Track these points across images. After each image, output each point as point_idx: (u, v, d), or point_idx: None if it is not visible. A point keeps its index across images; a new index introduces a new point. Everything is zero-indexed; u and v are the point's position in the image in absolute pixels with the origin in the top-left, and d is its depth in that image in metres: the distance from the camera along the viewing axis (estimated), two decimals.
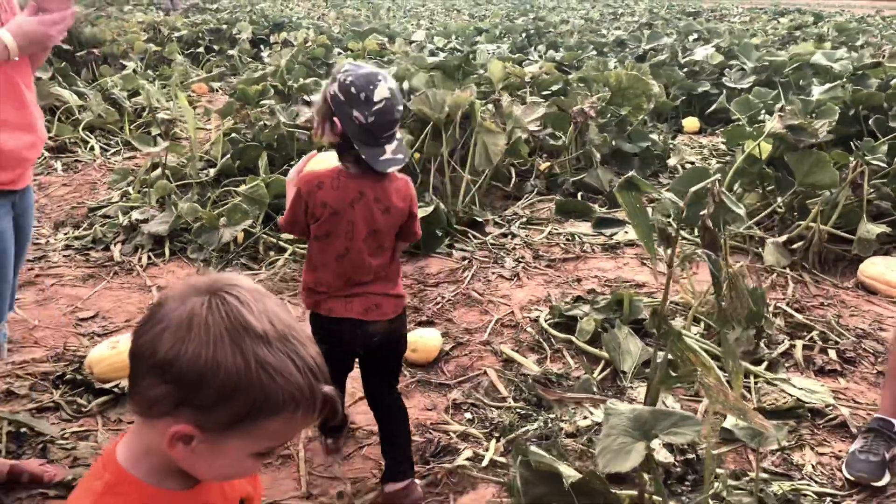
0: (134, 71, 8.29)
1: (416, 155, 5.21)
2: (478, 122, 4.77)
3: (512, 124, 4.98)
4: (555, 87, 6.36)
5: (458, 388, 2.95)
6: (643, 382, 2.98)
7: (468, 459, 2.45)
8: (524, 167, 5.71)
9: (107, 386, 2.74)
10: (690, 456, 2.50)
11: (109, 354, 2.82)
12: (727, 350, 1.91)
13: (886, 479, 2.41)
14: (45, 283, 3.74)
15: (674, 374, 2.06)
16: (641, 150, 5.78)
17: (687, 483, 2.41)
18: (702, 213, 1.99)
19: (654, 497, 2.22)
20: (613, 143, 5.69)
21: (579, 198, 5.18)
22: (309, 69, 7.75)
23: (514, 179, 5.46)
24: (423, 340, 3.15)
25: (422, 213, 4.17)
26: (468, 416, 2.76)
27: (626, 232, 4.57)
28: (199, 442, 0.90)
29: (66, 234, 4.39)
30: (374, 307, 2.12)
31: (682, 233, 4.43)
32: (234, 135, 5.38)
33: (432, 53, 8.82)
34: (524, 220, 4.88)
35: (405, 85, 5.92)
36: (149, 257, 4.02)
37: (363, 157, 1.96)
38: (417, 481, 2.29)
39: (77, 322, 3.36)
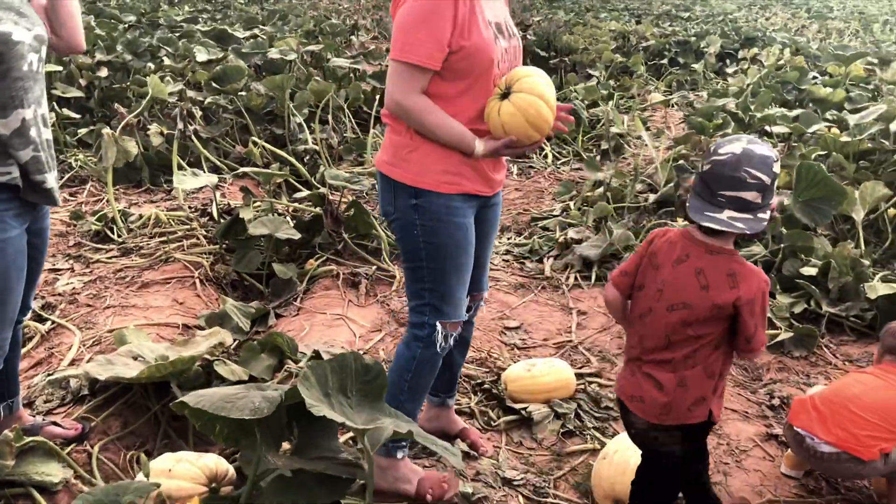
0: (598, 82, 8.63)
1: (892, 211, 4.47)
2: None
3: None
4: None
5: None
6: None
7: None
8: None
9: (516, 406, 2.87)
10: None
11: (523, 376, 2.94)
12: None
13: None
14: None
15: None
16: None
17: None
18: None
19: None
20: None
21: None
22: (777, 94, 7.18)
23: None
24: None
25: (888, 289, 3.54)
26: None
27: None
28: None
29: (508, 238, 4.75)
30: (638, 399, 1.90)
31: None
32: (681, 162, 5.23)
33: None
34: None
35: (892, 126, 5.10)
36: (576, 278, 4.13)
37: (687, 205, 1.77)
38: None
39: (503, 330, 3.60)
